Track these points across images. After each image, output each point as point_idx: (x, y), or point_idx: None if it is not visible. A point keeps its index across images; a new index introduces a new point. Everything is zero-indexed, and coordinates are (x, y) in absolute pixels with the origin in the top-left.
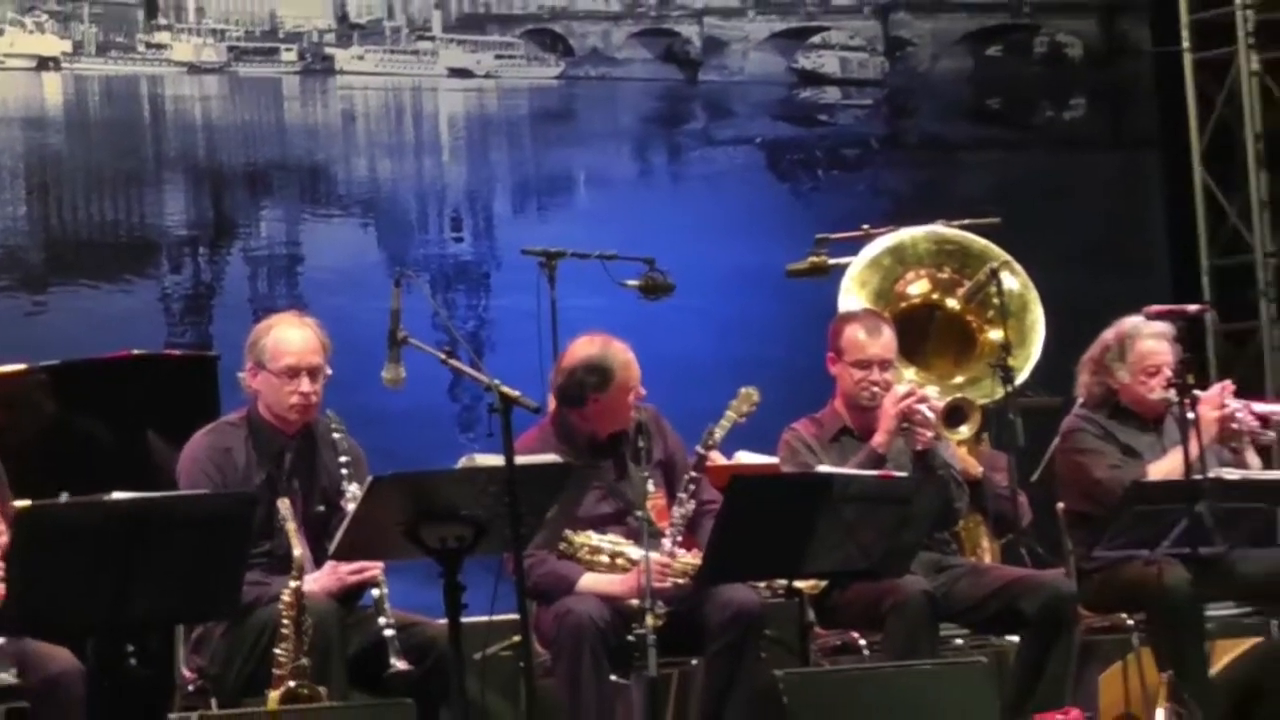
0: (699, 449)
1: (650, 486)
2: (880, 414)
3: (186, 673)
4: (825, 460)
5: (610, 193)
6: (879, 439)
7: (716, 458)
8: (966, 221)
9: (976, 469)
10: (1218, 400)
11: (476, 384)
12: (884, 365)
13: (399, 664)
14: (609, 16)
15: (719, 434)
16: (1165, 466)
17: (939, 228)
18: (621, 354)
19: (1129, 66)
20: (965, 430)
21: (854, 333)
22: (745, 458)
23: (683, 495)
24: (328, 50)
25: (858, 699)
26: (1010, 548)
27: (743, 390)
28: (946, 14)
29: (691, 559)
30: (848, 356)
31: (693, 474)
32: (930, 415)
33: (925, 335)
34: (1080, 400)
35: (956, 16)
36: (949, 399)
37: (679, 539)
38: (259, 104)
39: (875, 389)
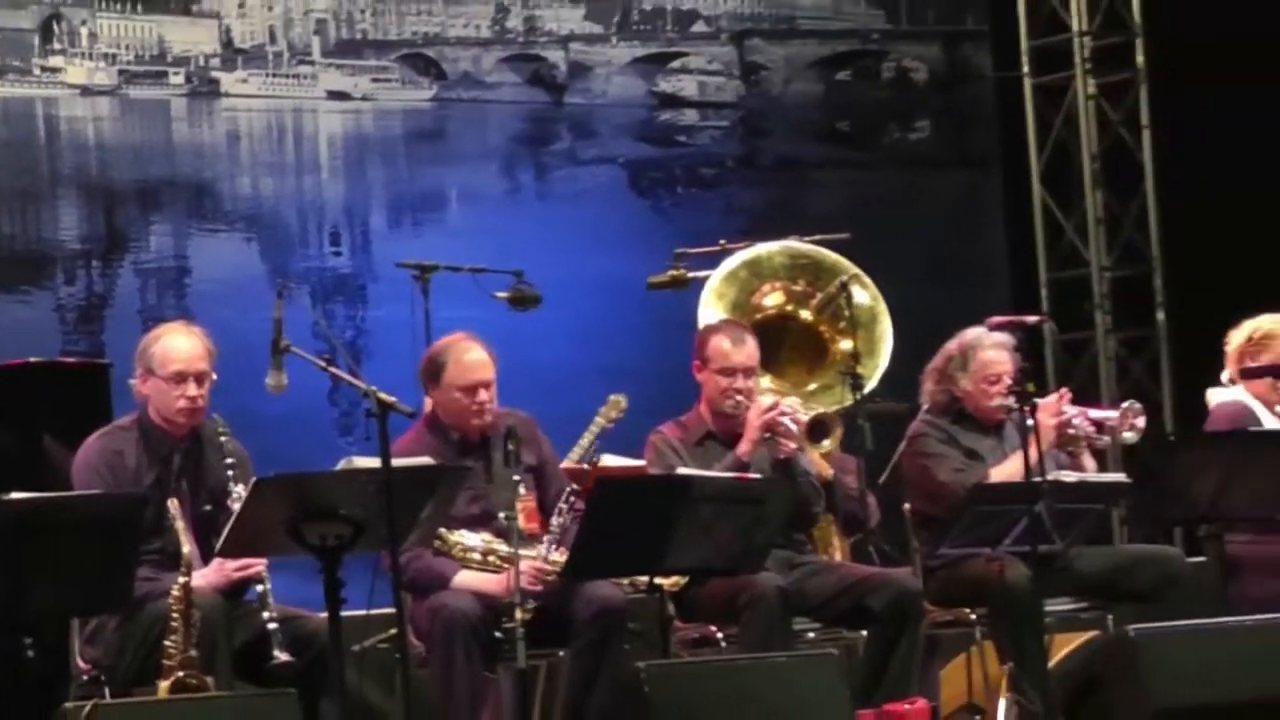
0: (585, 464)
1: (521, 490)
2: (745, 423)
3: (81, 664)
4: (690, 463)
5: (480, 209)
6: (743, 448)
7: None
8: (818, 237)
9: (828, 471)
10: (1055, 407)
11: (355, 390)
12: (748, 373)
13: (282, 656)
14: (479, 42)
15: (587, 440)
16: (1006, 469)
17: (793, 243)
18: (464, 353)
19: (971, 90)
20: (828, 444)
21: (719, 342)
22: (610, 461)
23: (562, 506)
24: (213, 74)
25: (715, 689)
26: (859, 546)
27: (611, 398)
28: (798, 40)
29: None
30: (713, 365)
31: (574, 486)
32: (793, 427)
33: (780, 345)
34: (925, 406)
35: (808, 42)
36: (813, 413)
37: (556, 545)
38: (148, 125)
39: (739, 396)
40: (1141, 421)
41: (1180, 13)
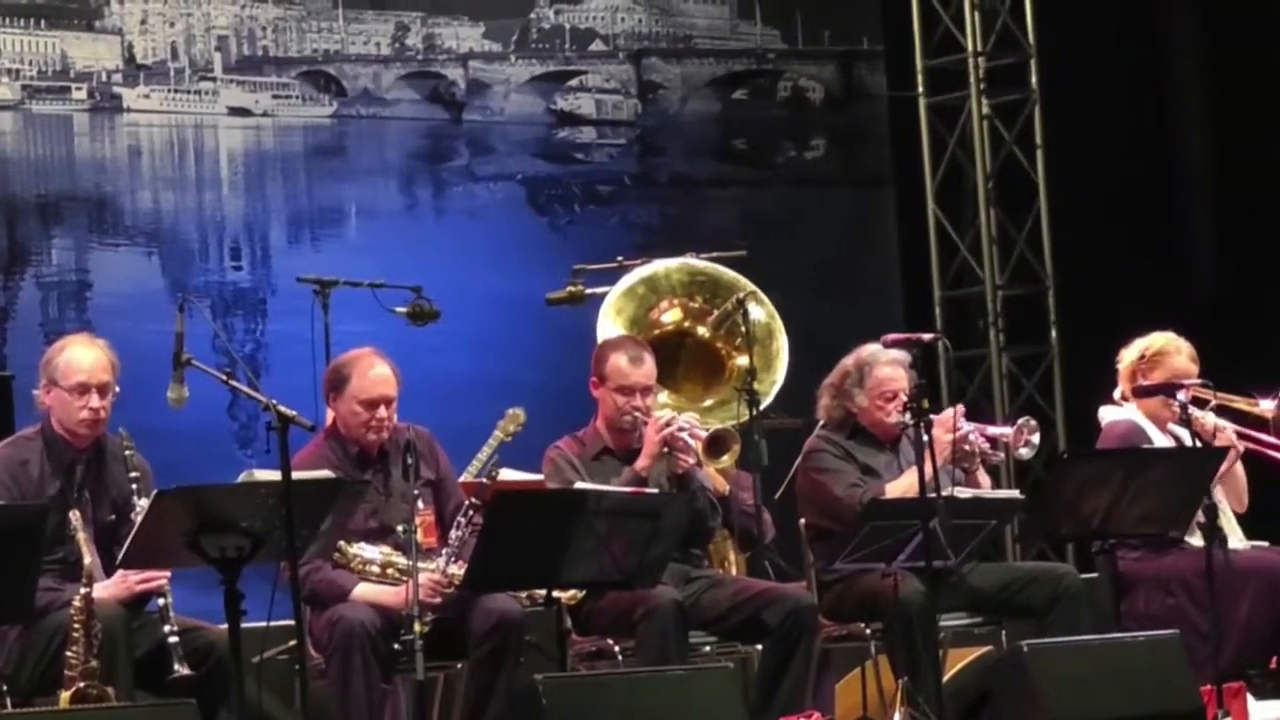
0: (484, 478)
1: (420, 504)
2: (643, 438)
3: None
4: (587, 477)
5: (379, 225)
6: (642, 462)
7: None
8: (715, 254)
9: (724, 486)
10: (950, 423)
11: (254, 403)
12: (645, 392)
13: (181, 670)
14: (379, 59)
15: (485, 453)
16: (901, 485)
17: (690, 260)
18: (369, 368)
19: (866, 110)
20: (726, 459)
21: (618, 360)
22: (509, 475)
23: (461, 520)
24: (116, 89)
25: (612, 702)
26: (755, 561)
27: (509, 411)
28: (695, 59)
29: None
30: (611, 382)
31: (473, 500)
32: (691, 443)
33: (676, 361)
34: (821, 422)
35: (705, 62)
36: (711, 429)
37: (454, 558)
38: (51, 139)
39: (636, 414)
40: (1036, 438)
41: (1073, 34)
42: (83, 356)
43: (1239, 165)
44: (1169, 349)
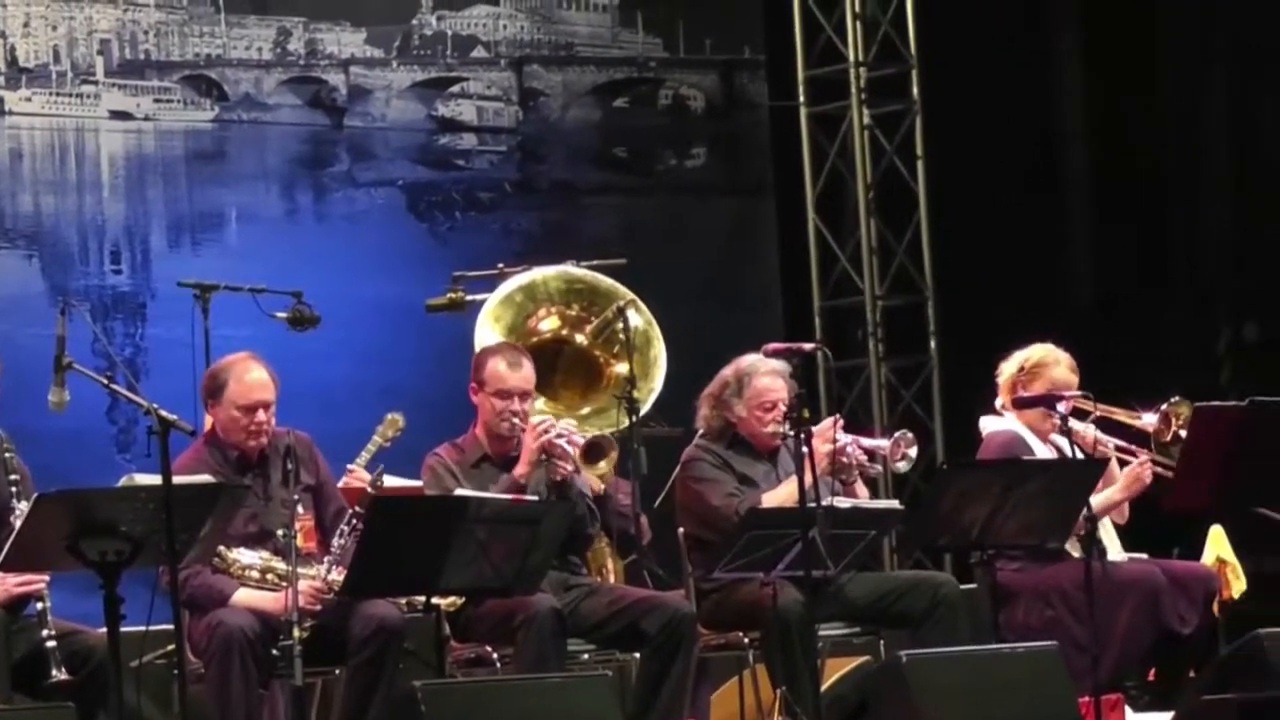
0: (368, 485)
1: (299, 509)
2: (521, 445)
3: None
4: (466, 484)
5: (260, 230)
6: (520, 469)
7: (362, 476)
8: (595, 262)
9: (599, 486)
10: (829, 434)
11: (133, 407)
12: (523, 397)
13: (59, 674)
14: (260, 65)
15: (364, 457)
16: (780, 495)
17: (569, 268)
18: (246, 372)
19: (747, 119)
20: (604, 466)
21: (496, 365)
22: (390, 482)
23: (344, 527)
24: None
25: (490, 709)
26: (633, 569)
27: (388, 417)
28: (576, 67)
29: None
30: (489, 388)
31: (357, 509)
32: (569, 449)
33: (554, 368)
34: (700, 431)
35: (586, 69)
36: (589, 436)
37: (336, 564)
38: None
39: (514, 419)
40: (913, 451)
41: (955, 45)
42: None
43: (1118, 177)
44: (1048, 360)
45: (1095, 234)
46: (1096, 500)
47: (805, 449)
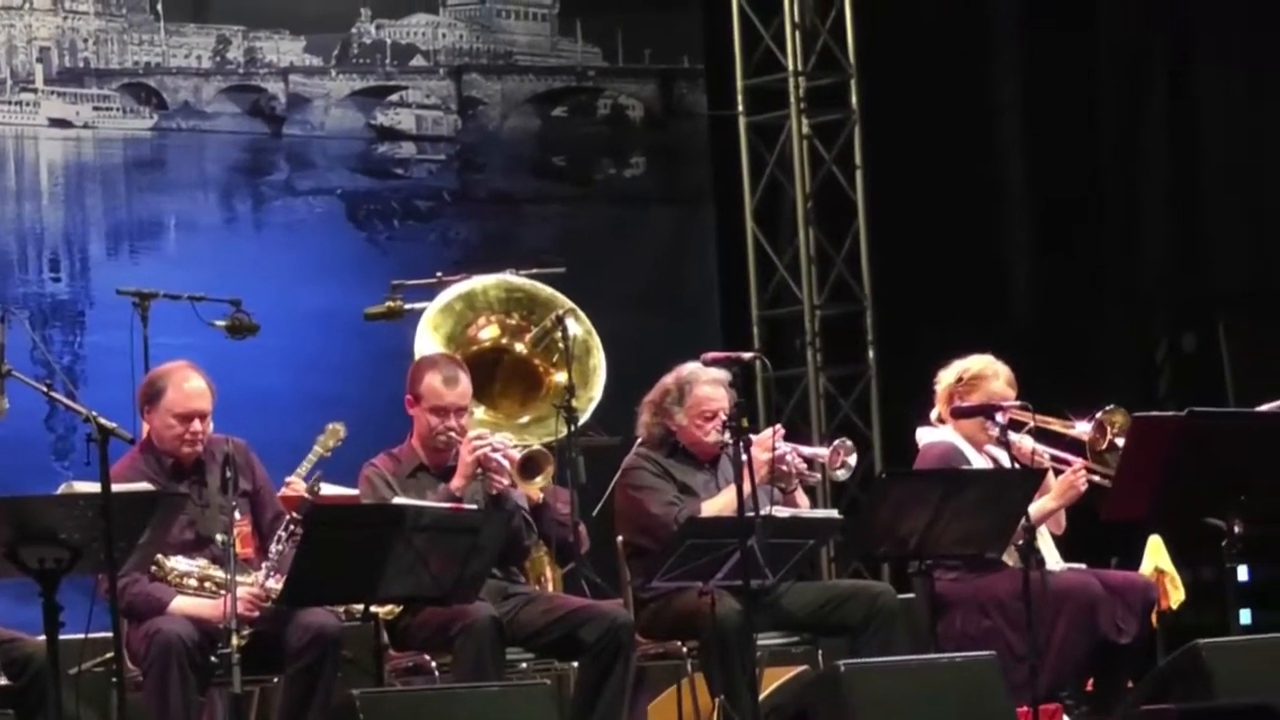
0: (305, 494)
1: (237, 516)
2: (458, 458)
3: None
4: (402, 495)
5: (198, 238)
6: (457, 483)
7: (298, 487)
8: (534, 270)
9: (537, 495)
10: (769, 443)
11: (71, 415)
12: (459, 413)
13: None
14: (199, 73)
15: (304, 467)
16: (718, 503)
17: (509, 276)
18: (183, 380)
19: (686, 128)
20: (540, 481)
21: (433, 381)
22: (328, 490)
23: (282, 534)
24: None
25: (428, 717)
26: (572, 577)
27: (330, 426)
28: (515, 76)
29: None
30: (426, 402)
31: (294, 515)
32: (505, 463)
33: (493, 377)
34: (640, 439)
35: (525, 78)
36: (525, 450)
37: (274, 572)
38: None
39: (451, 434)
40: (852, 459)
41: (894, 55)
42: None
43: (1057, 188)
44: (987, 372)
45: (1034, 245)
46: (1032, 509)
47: (745, 458)
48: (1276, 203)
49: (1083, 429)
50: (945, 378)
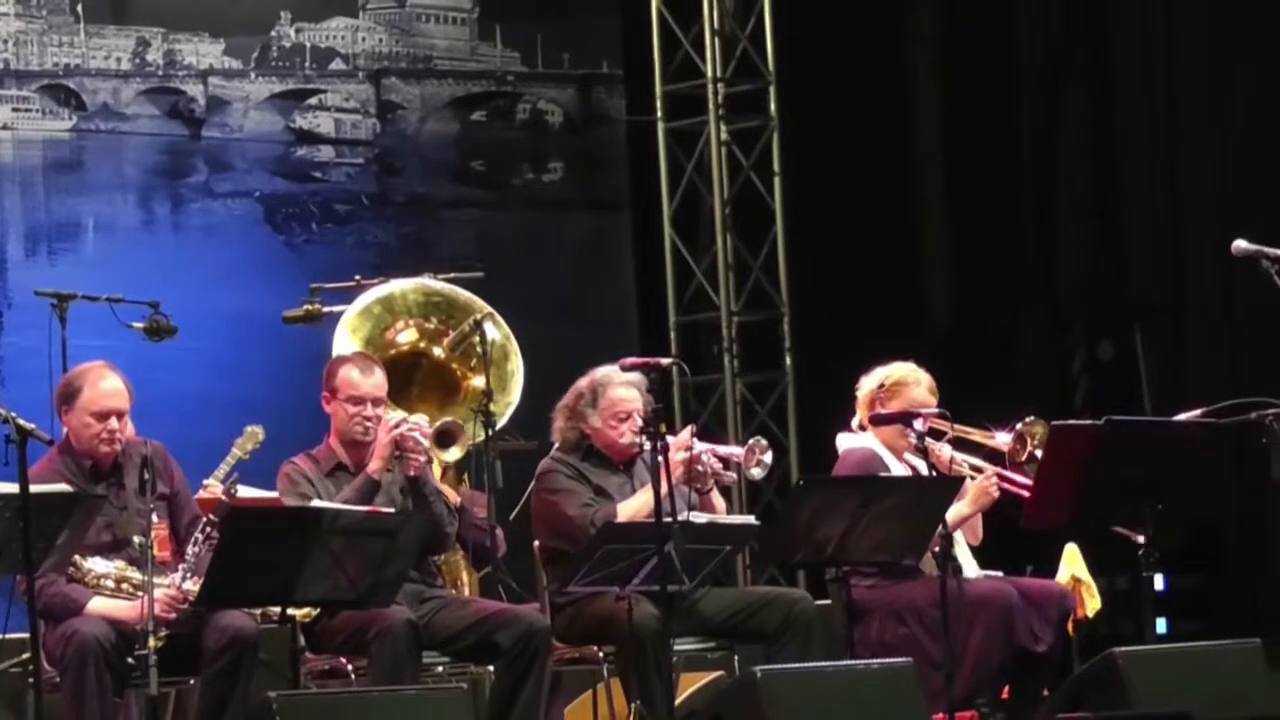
0: (223, 495)
1: (155, 518)
2: (374, 444)
3: None
4: (322, 493)
5: (117, 240)
6: (374, 466)
7: (216, 489)
8: (452, 275)
9: (455, 498)
10: (684, 442)
11: None
12: (376, 402)
13: None
14: (119, 75)
15: (223, 470)
16: (634, 505)
17: (427, 280)
18: (99, 380)
19: (605, 134)
20: (455, 451)
21: (348, 372)
22: (246, 493)
23: (198, 536)
24: None
25: None
26: (488, 581)
27: (248, 429)
28: (435, 80)
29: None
30: (342, 394)
31: (211, 517)
32: (422, 440)
33: (411, 381)
34: (556, 444)
35: (444, 83)
36: (438, 422)
37: (190, 574)
38: None
39: (368, 424)
40: (768, 457)
41: (813, 62)
42: None
43: (975, 196)
44: (909, 380)
45: (952, 253)
46: (948, 515)
47: (660, 460)
48: (1194, 212)
49: (1003, 439)
50: (867, 384)
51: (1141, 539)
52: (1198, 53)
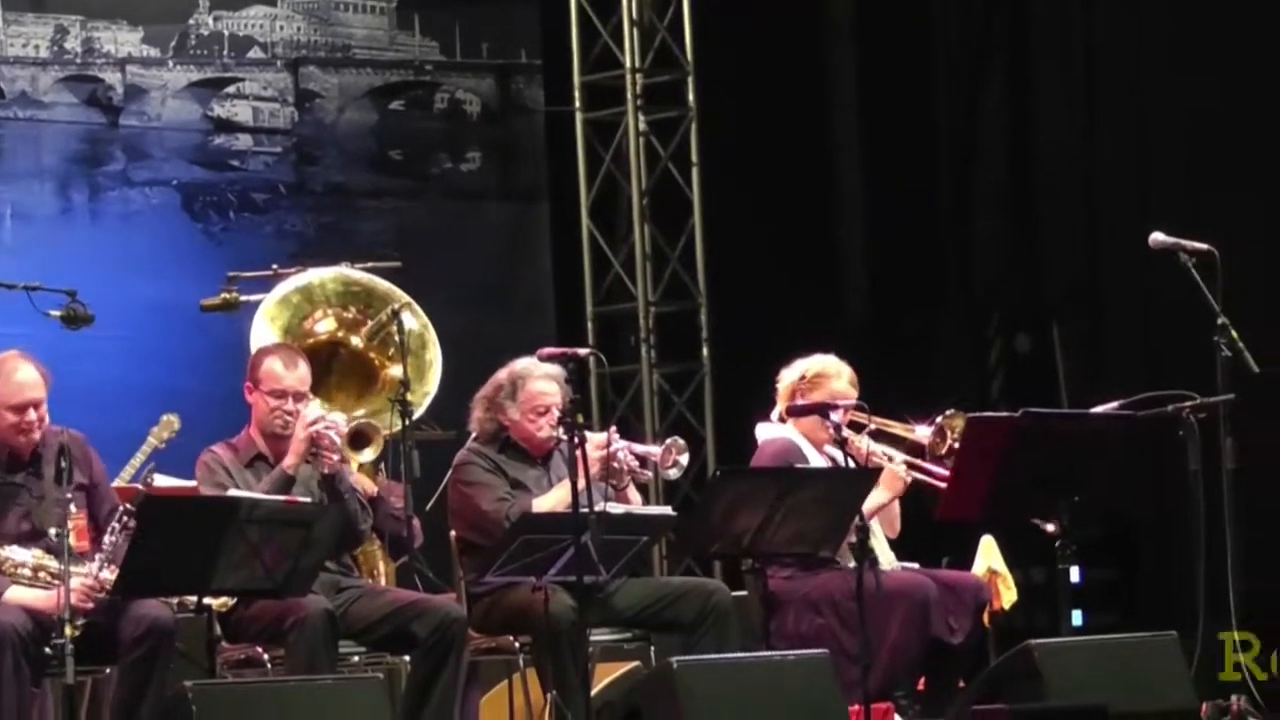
0: (139, 484)
1: (73, 508)
2: (291, 439)
3: None
4: (240, 483)
5: (34, 227)
6: (289, 461)
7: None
8: (370, 264)
9: (372, 488)
10: (603, 441)
11: None
12: (298, 396)
13: None
14: (37, 62)
15: (139, 459)
16: (551, 499)
17: (345, 270)
18: (14, 371)
19: (523, 124)
20: (369, 453)
21: (271, 364)
22: (164, 482)
23: (115, 525)
24: None
25: (260, 710)
26: (404, 572)
27: (164, 418)
28: (353, 69)
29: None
30: (264, 386)
31: (128, 505)
32: (337, 439)
33: (329, 370)
34: (473, 435)
35: (363, 72)
36: (354, 424)
37: (108, 563)
38: None
39: (288, 418)
40: (684, 459)
41: (732, 53)
42: None
43: (893, 189)
44: (829, 371)
45: (869, 245)
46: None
47: (579, 453)
48: (1110, 205)
49: (923, 432)
50: (788, 376)
51: (1051, 528)
52: (1116, 45)
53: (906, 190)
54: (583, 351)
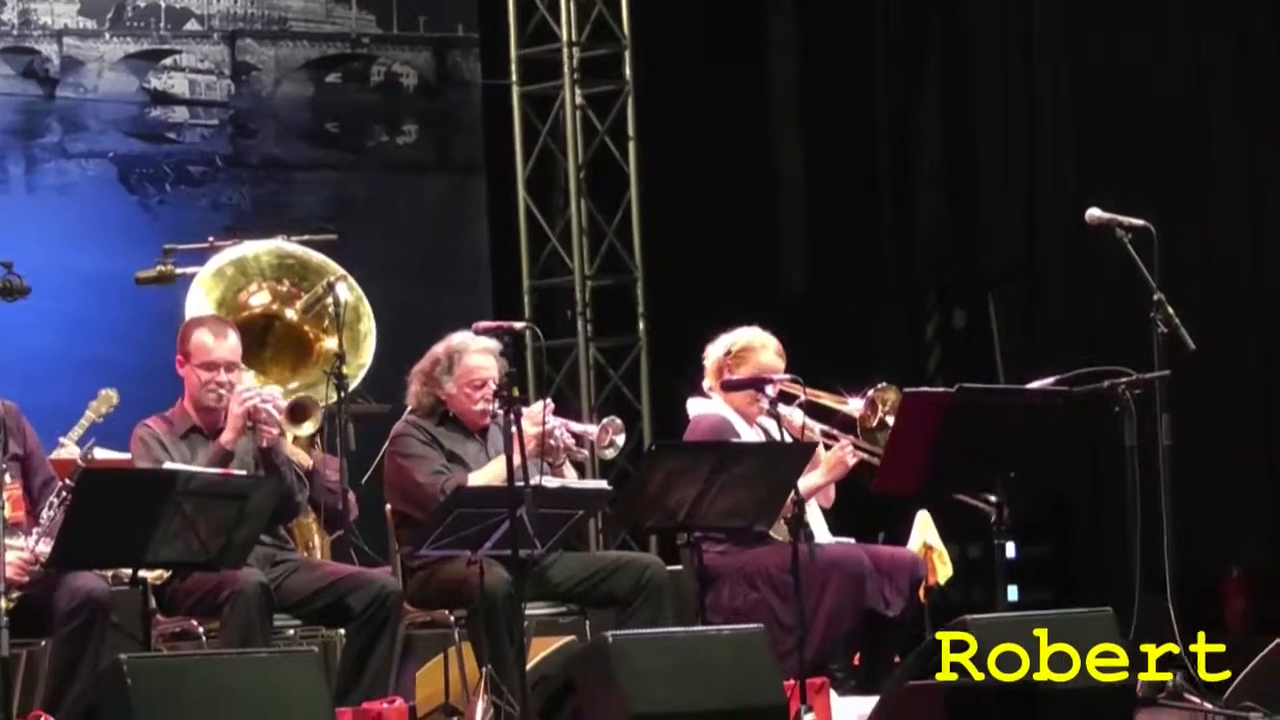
0: (78, 459)
1: (6, 478)
2: (227, 413)
3: None
4: (175, 456)
5: None
6: (226, 436)
7: (73, 450)
8: (306, 237)
9: (308, 461)
10: (538, 417)
11: None
12: (229, 368)
13: None
14: None
15: (77, 432)
16: (488, 473)
17: (281, 243)
18: None
19: (460, 97)
20: (309, 426)
21: (201, 337)
22: (101, 455)
23: (54, 500)
24: None
25: (196, 683)
26: (340, 545)
27: (102, 392)
28: (289, 41)
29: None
30: (195, 359)
31: (68, 481)
32: (275, 413)
33: (264, 343)
34: (410, 408)
35: (299, 45)
36: (293, 397)
37: (44, 538)
38: None
39: (221, 390)
40: (620, 438)
41: (669, 26)
42: None
43: (831, 164)
44: (755, 344)
45: (807, 220)
46: (801, 484)
47: (514, 428)
48: (1046, 182)
49: (855, 405)
50: (714, 351)
51: (982, 505)
52: (1053, 22)
53: (843, 164)
54: (519, 325)
